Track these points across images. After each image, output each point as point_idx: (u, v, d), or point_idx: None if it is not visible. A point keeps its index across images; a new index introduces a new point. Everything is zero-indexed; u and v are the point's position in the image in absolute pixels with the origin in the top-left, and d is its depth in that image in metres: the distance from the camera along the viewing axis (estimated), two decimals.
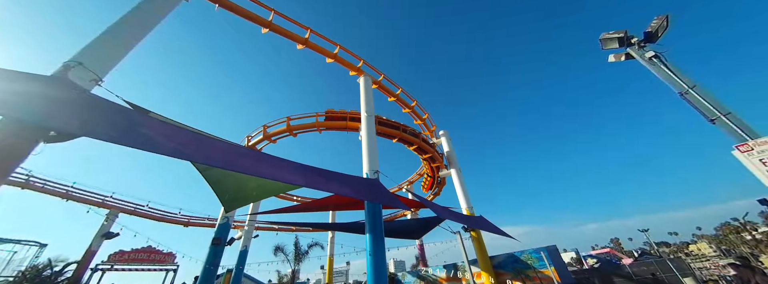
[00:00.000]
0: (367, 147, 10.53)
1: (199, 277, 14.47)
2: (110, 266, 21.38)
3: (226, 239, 15.85)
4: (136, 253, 22.96)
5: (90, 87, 4.76)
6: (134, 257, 22.70)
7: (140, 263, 22.89)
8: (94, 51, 5.09)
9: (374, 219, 8.66)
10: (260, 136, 15.73)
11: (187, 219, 26.04)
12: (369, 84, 13.57)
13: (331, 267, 29.60)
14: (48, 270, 18.09)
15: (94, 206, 21.03)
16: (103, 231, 21.00)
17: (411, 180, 26.36)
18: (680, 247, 51.37)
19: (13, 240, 21.54)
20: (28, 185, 18.28)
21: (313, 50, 12.87)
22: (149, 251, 23.64)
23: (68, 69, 4.56)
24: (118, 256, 22.01)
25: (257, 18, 11.03)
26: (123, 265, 22.07)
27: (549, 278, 12.26)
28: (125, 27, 6.00)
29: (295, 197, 26.69)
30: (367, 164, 10.04)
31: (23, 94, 3.70)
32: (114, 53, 5.45)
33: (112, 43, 5.55)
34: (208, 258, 14.44)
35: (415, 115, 18.15)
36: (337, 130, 16.02)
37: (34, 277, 17.45)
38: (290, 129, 15.27)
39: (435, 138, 19.94)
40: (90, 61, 4.79)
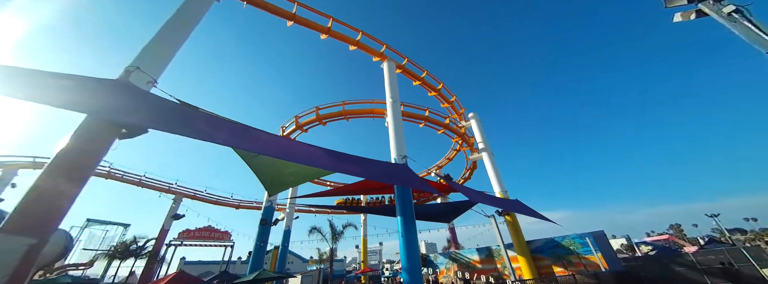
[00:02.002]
0: (394, 133, 10.59)
1: (252, 252, 16.59)
2: (180, 242, 25.53)
3: (272, 220, 17.71)
4: (199, 232, 26.93)
5: (148, 88, 5.50)
6: (198, 235, 26.70)
7: (203, 240, 26.89)
8: (147, 56, 5.84)
9: (404, 202, 8.89)
10: (293, 125, 16.72)
11: (238, 202, 29.44)
12: (393, 69, 13.34)
13: (365, 247, 31.55)
14: (133, 245, 22.32)
15: (162, 192, 24.84)
16: (171, 213, 24.86)
17: (439, 165, 26.06)
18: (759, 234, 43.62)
19: (105, 222, 26.75)
20: (110, 175, 22.14)
21: (336, 38, 12.93)
22: (209, 230, 27.53)
23: (129, 73, 5.30)
24: (185, 234, 26.08)
25: (282, 11, 11.33)
26: (190, 242, 26.19)
27: (595, 264, 11.57)
28: (169, 32, 6.69)
29: (329, 182, 28.30)
30: (395, 149, 10.15)
31: (99, 97, 4.44)
32: (163, 57, 6.19)
33: (160, 48, 6.28)
34: (258, 236, 16.37)
35: (442, 98, 17.53)
36: (363, 116, 16.29)
37: (124, 250, 21.75)
38: (319, 118, 15.94)
39: (464, 120, 19.17)
40: (145, 65, 5.51)
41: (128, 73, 5.28)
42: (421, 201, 27.90)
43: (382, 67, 13.37)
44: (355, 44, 13.21)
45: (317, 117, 15.88)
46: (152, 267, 22.54)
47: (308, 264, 42.84)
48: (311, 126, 16.75)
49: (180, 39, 6.86)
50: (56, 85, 4.10)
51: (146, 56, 5.81)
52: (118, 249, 21.94)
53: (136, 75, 5.34)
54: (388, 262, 64.18)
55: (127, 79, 5.22)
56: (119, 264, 22.04)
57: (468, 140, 19.35)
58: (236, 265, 32.82)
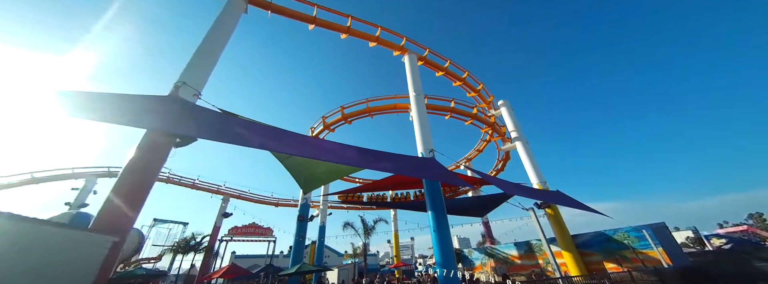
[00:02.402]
0: (420, 127, 10.42)
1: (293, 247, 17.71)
2: (230, 238, 28.09)
3: (308, 216, 18.71)
4: (245, 228, 29.38)
5: (194, 100, 6.05)
6: (244, 231, 29.15)
7: (248, 235, 29.32)
8: (190, 71, 6.50)
9: (434, 196, 8.76)
10: (321, 126, 17.29)
11: (277, 201, 31.53)
12: (414, 62, 13.07)
13: (397, 242, 31.90)
14: (192, 241, 25.07)
15: (213, 193, 27.43)
16: (221, 212, 27.42)
17: (469, 157, 25.20)
18: None
19: (168, 221, 30.40)
20: (169, 180, 24.96)
21: (356, 37, 12.99)
22: (254, 226, 29.89)
23: (177, 88, 5.88)
24: (234, 231, 28.62)
25: (303, 16, 11.65)
26: (238, 237, 28.73)
27: (655, 260, 10.41)
28: (207, 46, 7.33)
29: (358, 179, 28.94)
30: (421, 144, 10.01)
31: (156, 111, 4.98)
32: (203, 70, 6.82)
33: (201, 62, 6.95)
34: (297, 231, 17.39)
35: (468, 87, 16.79)
36: (387, 112, 16.27)
37: (185, 246, 24.56)
38: (345, 117, 16.26)
39: (493, 109, 18.22)
40: (190, 79, 6.10)
41: (177, 88, 5.90)
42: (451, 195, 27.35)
43: (403, 61, 13.17)
44: (374, 40, 13.17)
45: (343, 116, 16.23)
46: (208, 260, 25.26)
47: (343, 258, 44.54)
48: (338, 125, 17.17)
49: (216, 52, 7.49)
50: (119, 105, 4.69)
51: (190, 71, 6.47)
52: (180, 245, 24.91)
53: (184, 89, 5.95)
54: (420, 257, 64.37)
55: (177, 93, 5.80)
56: (182, 258, 25.02)
57: (499, 130, 18.39)
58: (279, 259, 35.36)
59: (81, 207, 21.02)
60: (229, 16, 8.78)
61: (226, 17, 8.60)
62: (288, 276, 15.33)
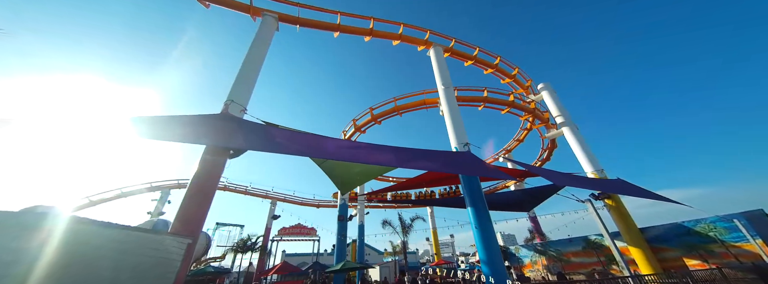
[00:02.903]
0: (451, 121, 10.08)
1: (336, 245, 18.54)
2: (280, 238, 30.51)
3: (347, 216, 19.41)
4: (292, 229, 31.63)
5: (241, 115, 6.71)
6: (291, 231, 31.42)
7: (295, 235, 31.52)
8: (236, 89, 7.32)
9: (473, 192, 8.40)
10: (352, 129, 17.75)
11: (318, 202, 33.32)
12: (440, 54, 12.69)
13: (436, 239, 31.35)
14: (249, 242, 27.76)
15: (263, 198, 30.02)
16: (271, 214, 29.87)
17: (508, 149, 23.65)
18: None
19: (229, 224, 34.13)
20: (226, 188, 27.97)
21: (380, 37, 13.07)
22: (300, 227, 32.02)
23: (227, 106, 6.59)
24: (282, 231, 31.01)
25: (329, 25, 12.09)
26: (287, 237, 31.05)
27: (752, 254, 8.65)
28: (247, 66, 8.21)
29: (391, 178, 29.13)
30: (455, 138, 9.66)
31: (211, 129, 5.60)
32: (247, 87, 7.64)
33: (244, 81, 7.79)
34: (338, 231, 18.16)
35: (501, 73, 15.75)
36: (416, 109, 16.05)
37: (243, 246, 27.30)
38: (374, 118, 16.46)
39: (532, 94, 16.83)
40: (236, 97, 6.81)
41: (226, 106, 6.66)
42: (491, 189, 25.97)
43: (429, 55, 12.87)
44: (397, 38, 13.10)
45: (372, 117, 16.45)
46: (263, 258, 27.74)
47: (383, 256, 45.25)
48: (368, 126, 17.47)
49: (256, 70, 8.36)
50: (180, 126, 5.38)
51: (236, 90, 7.31)
52: (239, 245, 27.80)
53: (232, 106, 6.68)
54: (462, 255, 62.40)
55: (227, 111, 6.52)
56: (241, 256, 27.89)
57: (541, 116, 16.94)
58: (324, 256, 37.28)
59: (159, 215, 24.67)
60: (263, 35, 9.66)
61: (261, 37, 9.48)
62: (334, 273, 16.10)
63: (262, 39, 9.48)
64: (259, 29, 9.86)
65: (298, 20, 11.38)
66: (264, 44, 9.40)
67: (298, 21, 11.40)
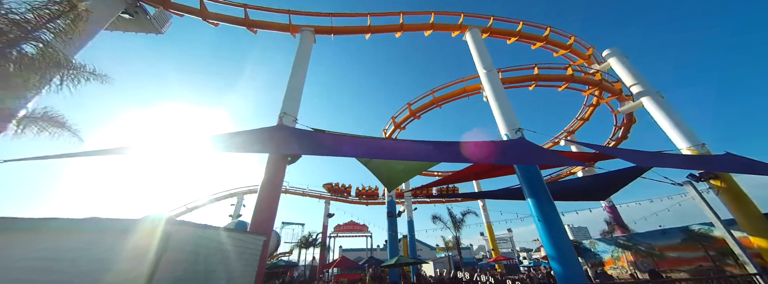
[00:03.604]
0: (498, 106, 9.30)
1: (388, 241, 19.04)
2: (336, 234, 32.83)
3: (396, 212, 19.72)
4: (346, 226, 33.76)
5: (294, 125, 7.43)
6: (345, 228, 33.59)
7: (349, 232, 33.55)
8: (287, 102, 8.21)
9: (532, 182, 7.63)
10: (392, 126, 17.86)
11: (367, 200, 34.74)
12: (478, 36, 11.83)
13: (492, 234, 29.52)
14: (310, 238, 30.51)
15: (318, 198, 32.62)
16: (326, 213, 32.32)
17: (570, 130, 20.83)
18: None
19: (292, 223, 38.07)
20: (287, 191, 31.21)
21: (411, 30, 12.83)
22: (352, 224, 33.95)
23: (281, 118, 7.37)
24: (337, 228, 33.36)
25: (360, 29, 12.35)
26: (342, 234, 33.27)
27: None
28: (294, 79, 9.09)
29: (436, 172, 28.49)
30: (504, 124, 8.89)
31: (271, 139, 6.26)
32: (295, 99, 8.55)
33: (292, 93, 8.63)
34: (389, 227, 18.61)
35: (553, 45, 13.91)
36: (456, 98, 15.30)
37: (306, 242, 30.11)
38: (413, 113, 16.25)
39: (596, 63, 14.50)
40: (288, 109, 7.61)
41: (281, 117, 7.52)
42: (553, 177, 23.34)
43: (465, 39, 12.09)
44: (429, 28, 12.67)
45: (410, 112, 16.28)
46: (324, 254, 30.26)
47: (436, 251, 44.77)
48: (407, 122, 17.36)
49: (301, 82, 9.21)
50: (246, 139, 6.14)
51: (287, 102, 8.22)
52: (302, 241, 30.80)
53: (285, 118, 7.48)
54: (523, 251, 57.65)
55: (282, 122, 7.29)
56: (305, 252, 30.86)
57: (610, 87, 14.49)
58: (377, 251, 38.75)
59: (238, 217, 28.83)
60: (303, 49, 10.55)
61: (302, 51, 10.44)
62: (389, 267, 16.57)
63: (302, 53, 10.33)
64: (299, 44, 10.71)
65: (332, 29, 11.88)
66: (305, 57, 10.24)
67: (332, 30, 11.90)
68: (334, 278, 26.39)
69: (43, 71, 4.52)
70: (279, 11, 11.52)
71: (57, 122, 5.01)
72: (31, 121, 4.81)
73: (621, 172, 10.56)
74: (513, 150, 7.32)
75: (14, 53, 4.45)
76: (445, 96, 15.26)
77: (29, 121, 4.80)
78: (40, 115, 4.91)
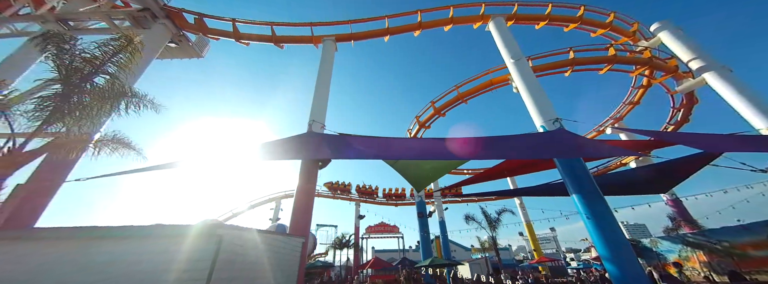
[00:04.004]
0: (531, 96, 8.68)
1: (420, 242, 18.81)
2: (368, 236, 33.32)
3: (426, 212, 19.42)
4: (376, 227, 34.12)
5: (322, 130, 7.74)
6: (376, 229, 33.96)
7: (380, 233, 33.82)
8: (314, 109, 8.62)
9: (576, 176, 6.98)
10: (416, 126, 17.67)
11: (396, 201, 34.75)
12: (502, 25, 11.23)
13: (533, 234, 27.59)
14: (344, 240, 31.30)
15: (348, 201, 33.47)
16: (357, 215, 32.99)
17: (618, 116, 18.79)
18: None
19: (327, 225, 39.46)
20: (319, 194, 32.47)
21: (429, 28, 12.62)
22: (383, 225, 34.21)
23: (310, 125, 7.74)
24: (369, 230, 33.82)
25: (379, 32, 12.46)
26: (374, 235, 33.67)
27: None
28: (319, 88, 9.55)
29: (466, 170, 27.54)
30: (539, 115, 8.26)
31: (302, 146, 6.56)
32: (322, 106, 8.93)
33: (319, 101, 9.07)
34: (420, 227, 18.39)
35: (589, 25, 12.72)
36: (483, 92, 14.67)
37: (340, 243, 30.93)
38: (437, 111, 15.90)
39: (643, 40, 12.94)
40: (316, 116, 8.02)
41: (310, 125, 7.91)
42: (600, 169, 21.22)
43: (488, 29, 11.53)
44: (448, 22, 12.35)
45: (435, 110, 15.96)
46: (357, 254, 30.83)
47: (471, 252, 43.21)
48: (432, 120, 17.05)
49: (326, 89, 9.65)
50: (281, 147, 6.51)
51: (314, 110, 8.66)
52: (337, 243, 31.73)
53: (314, 125, 7.89)
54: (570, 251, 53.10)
55: (311, 129, 7.66)
56: (339, 252, 31.75)
57: (664, 65, 12.82)
58: (410, 252, 38.49)
59: (277, 220, 30.65)
60: (327, 58, 11.01)
61: (325, 60, 11.02)
62: (424, 269, 16.33)
63: (326, 62, 10.81)
64: (322, 54, 11.22)
65: (352, 36, 12.17)
66: (328, 66, 10.69)
67: (352, 36, 12.19)
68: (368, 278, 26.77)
69: (112, 100, 5.27)
70: (301, 25, 12.10)
71: (125, 143, 5.81)
72: (104, 143, 5.62)
73: (684, 160, 9.21)
74: (551, 142, 6.78)
75: (88, 86, 5.25)
76: (470, 91, 14.71)
77: (103, 143, 5.60)
78: (111, 138, 5.72)
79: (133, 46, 5.67)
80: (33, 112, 4.94)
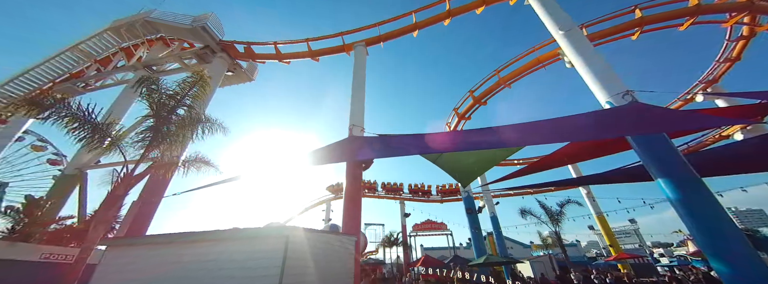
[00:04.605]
0: (590, 70, 7.55)
1: (472, 239, 18.00)
2: (415, 234, 33.22)
3: (475, 208, 18.52)
4: (423, 224, 33.86)
5: (362, 133, 8.07)
6: (422, 227, 33.72)
7: (427, 231, 33.42)
8: (353, 114, 9.10)
9: (660, 155, 5.89)
10: (455, 118, 16.98)
11: (441, 197, 33.98)
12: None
13: (606, 227, 23.94)
14: (392, 238, 31.77)
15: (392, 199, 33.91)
16: (402, 213, 33.21)
17: (709, 78, 15.21)
18: None
19: (374, 224, 40.64)
20: (365, 195, 33.60)
21: (460, 14, 12.07)
22: (430, 222, 33.78)
23: (351, 130, 8.21)
24: (416, 227, 33.72)
25: (407, 29, 12.40)
26: (421, 233, 33.48)
27: None
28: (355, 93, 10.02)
29: (516, 161, 25.43)
30: (602, 90, 7.15)
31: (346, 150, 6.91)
32: (360, 110, 9.32)
33: (356, 106, 9.53)
34: (470, 224, 17.64)
35: None
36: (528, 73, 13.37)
37: (389, 241, 31.48)
38: (477, 100, 15.04)
39: None
40: (355, 120, 8.54)
41: (351, 129, 8.33)
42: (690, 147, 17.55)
43: (528, 3, 10.24)
44: (480, 5, 11.66)
45: (474, 100, 15.11)
46: (407, 252, 31.04)
47: (531, 249, 39.87)
48: (472, 111, 16.21)
49: (363, 94, 10.06)
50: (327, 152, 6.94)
51: (353, 114, 9.11)
52: (385, 241, 32.43)
53: (355, 129, 8.30)
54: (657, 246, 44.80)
55: (352, 133, 8.03)
56: (389, 251, 32.38)
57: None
58: (460, 250, 37.21)
59: (329, 221, 32.74)
60: (359, 64, 11.44)
61: (358, 66, 11.54)
62: (478, 267, 15.59)
63: (359, 67, 11.25)
64: (355, 61, 11.68)
65: (380, 37, 12.35)
66: (361, 71, 11.10)
67: (380, 38, 12.36)
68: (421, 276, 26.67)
69: (191, 126, 6.38)
70: (333, 36, 12.77)
71: (205, 161, 7.04)
72: (190, 163, 6.83)
73: None
74: (624, 118, 5.82)
75: (173, 117, 6.40)
76: (513, 74, 13.54)
77: (189, 163, 6.81)
78: (194, 158, 6.93)
79: (204, 79, 6.76)
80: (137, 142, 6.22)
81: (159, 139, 6.14)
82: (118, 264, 4.84)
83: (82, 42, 14.45)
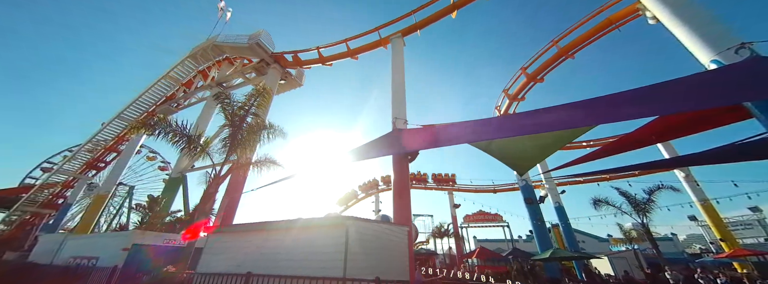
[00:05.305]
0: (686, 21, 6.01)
1: (534, 231, 16.49)
2: (467, 225, 32.07)
3: (536, 198, 16.87)
4: (475, 215, 32.44)
5: (405, 126, 8.17)
6: (474, 218, 32.32)
7: (480, 222, 31.86)
8: (395, 107, 9.20)
9: None
10: (506, 100, 15.49)
11: (494, 187, 31.94)
12: None
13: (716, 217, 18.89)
14: (443, 229, 31.31)
15: (440, 190, 33.34)
16: (452, 204, 32.37)
17: None
18: None
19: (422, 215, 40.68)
20: (413, 186, 33.82)
21: None
22: (482, 213, 32.17)
23: (394, 123, 8.36)
24: (467, 218, 32.50)
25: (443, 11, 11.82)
26: (473, 224, 32.15)
27: None
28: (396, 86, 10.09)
29: (584, 143, 22.16)
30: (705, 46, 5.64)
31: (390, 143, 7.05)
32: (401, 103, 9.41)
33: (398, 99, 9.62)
34: (530, 215, 16.18)
35: None
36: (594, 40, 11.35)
37: (439, 232, 31.12)
38: (531, 77, 13.38)
39: None
40: (397, 113, 8.66)
41: (394, 123, 8.42)
42: None
43: None
44: None
45: (528, 77, 13.44)
46: (459, 243, 30.32)
47: (609, 243, 34.75)
48: (526, 91, 14.55)
49: (402, 86, 10.07)
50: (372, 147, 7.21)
51: (395, 107, 9.26)
52: (436, 231, 32.20)
53: (398, 122, 8.39)
54: None
55: (395, 126, 8.18)
56: (440, 241, 32.06)
57: None
58: (519, 243, 34.59)
59: (379, 211, 34.00)
60: (397, 56, 11.47)
61: (396, 59, 11.62)
62: (543, 261, 14.23)
63: (397, 59, 11.26)
64: (392, 54, 11.72)
65: (417, 25, 12.06)
66: (400, 63, 11.11)
67: (417, 26, 12.07)
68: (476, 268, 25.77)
69: (258, 132, 7.40)
70: (369, 32, 12.95)
71: (272, 161, 8.10)
72: (261, 163, 7.95)
73: None
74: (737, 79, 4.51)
75: (244, 125, 7.49)
76: (577, 41, 11.56)
77: (260, 163, 7.92)
78: (264, 159, 8.05)
79: (265, 89, 7.81)
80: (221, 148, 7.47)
81: (235, 144, 7.27)
82: (217, 248, 5.97)
83: (171, 70, 18.09)
